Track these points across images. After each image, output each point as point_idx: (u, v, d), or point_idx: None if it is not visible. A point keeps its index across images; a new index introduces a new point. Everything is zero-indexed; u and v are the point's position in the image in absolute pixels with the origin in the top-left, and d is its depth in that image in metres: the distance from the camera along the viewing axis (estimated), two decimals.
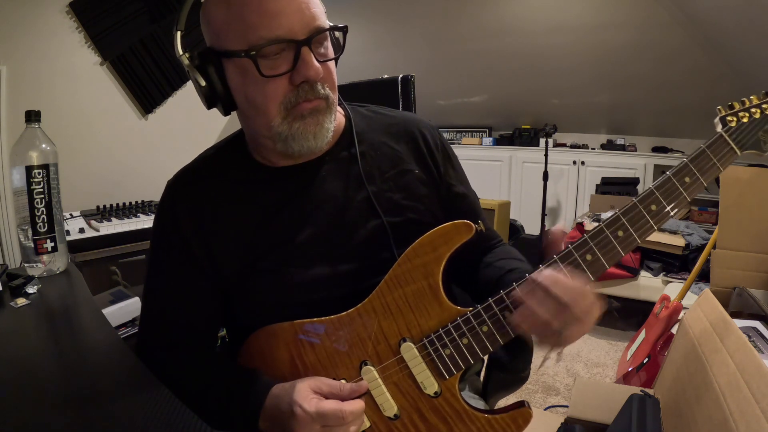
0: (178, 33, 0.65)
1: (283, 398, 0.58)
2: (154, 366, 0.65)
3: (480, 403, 0.79)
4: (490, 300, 0.59)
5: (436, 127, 0.78)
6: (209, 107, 0.66)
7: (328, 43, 0.64)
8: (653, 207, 0.57)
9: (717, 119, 0.60)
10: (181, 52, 0.64)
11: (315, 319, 0.63)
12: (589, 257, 0.57)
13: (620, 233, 0.57)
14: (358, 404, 0.57)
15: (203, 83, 0.62)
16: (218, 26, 0.60)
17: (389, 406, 0.61)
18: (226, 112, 0.66)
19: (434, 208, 0.72)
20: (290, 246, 0.66)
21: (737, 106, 0.59)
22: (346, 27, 0.64)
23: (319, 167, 0.69)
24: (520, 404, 0.61)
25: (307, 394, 0.57)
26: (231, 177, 0.70)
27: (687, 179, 0.57)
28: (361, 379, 0.62)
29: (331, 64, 0.64)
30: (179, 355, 0.69)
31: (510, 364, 0.79)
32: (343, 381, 0.61)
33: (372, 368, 0.61)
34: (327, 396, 0.58)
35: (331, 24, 0.63)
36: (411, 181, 0.71)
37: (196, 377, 0.66)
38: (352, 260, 0.66)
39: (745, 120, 0.58)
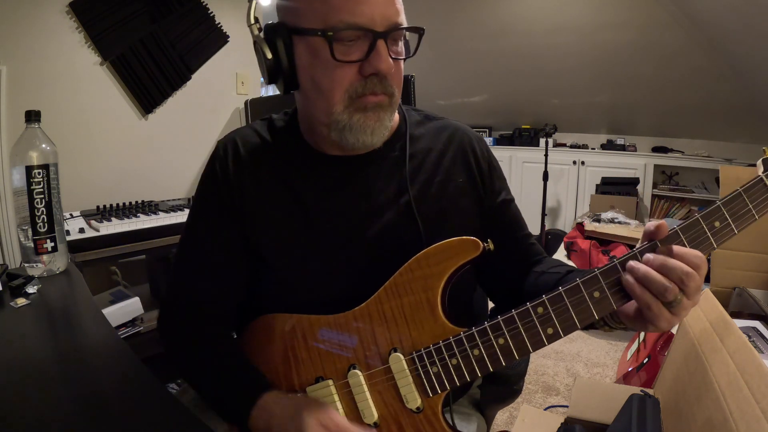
0: (254, 1, 0.65)
1: (284, 416, 0.58)
2: (173, 339, 0.70)
3: (473, 419, 0.77)
4: (486, 324, 0.57)
5: (482, 138, 0.77)
6: (270, 82, 0.65)
7: (402, 42, 0.63)
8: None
9: (759, 161, 0.54)
10: (252, 21, 0.64)
11: (313, 315, 0.63)
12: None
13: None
14: None
15: (270, 56, 0.61)
16: (297, 1, 0.59)
17: (370, 413, 0.60)
18: (286, 91, 0.65)
19: (474, 220, 0.71)
20: (320, 235, 0.66)
21: None
22: (423, 30, 0.62)
23: (367, 163, 0.68)
24: None
25: (313, 425, 0.56)
26: (281, 153, 0.69)
27: (717, 224, 0.52)
28: (349, 389, 0.61)
29: (401, 63, 0.63)
30: (198, 324, 0.69)
31: (503, 377, 0.78)
32: (335, 396, 0.61)
33: (359, 373, 0.61)
34: None
35: (409, 25, 0.62)
36: (454, 190, 0.70)
37: (206, 362, 0.67)
38: (380, 262, 0.64)
39: None
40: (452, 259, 0.60)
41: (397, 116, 0.72)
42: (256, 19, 0.64)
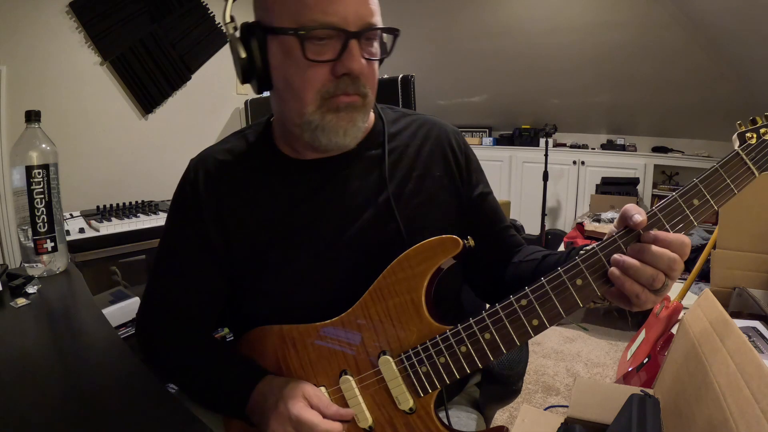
0: (229, 0, 0.64)
1: (274, 390, 0.60)
2: (151, 341, 0.71)
3: (472, 418, 0.77)
4: (471, 320, 0.57)
5: (459, 131, 0.77)
6: (244, 82, 0.65)
7: (377, 43, 0.62)
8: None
9: (735, 135, 0.53)
10: (228, 20, 0.64)
11: (302, 325, 0.64)
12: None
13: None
14: (336, 427, 0.57)
15: (243, 55, 0.61)
16: (275, 3, 0.59)
17: (364, 417, 0.60)
18: (259, 90, 0.65)
19: (452, 214, 0.71)
20: (302, 240, 0.66)
21: (760, 121, 0.53)
22: (398, 31, 0.62)
23: (344, 164, 0.68)
24: (500, 429, 0.59)
25: (297, 396, 0.58)
26: (254, 165, 0.70)
27: (695, 201, 0.51)
28: (342, 394, 0.61)
29: (375, 64, 0.63)
30: (177, 332, 0.70)
31: (501, 377, 0.78)
32: (328, 396, 0.61)
33: (350, 378, 0.61)
34: (312, 406, 0.58)
35: (385, 25, 0.61)
36: (432, 184, 0.70)
37: (191, 357, 0.68)
38: (364, 261, 0.65)
39: (767, 137, 0.52)
40: (433, 259, 0.60)
41: (372, 115, 0.72)
42: (232, 18, 0.64)
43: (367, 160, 0.69)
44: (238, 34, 0.62)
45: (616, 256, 0.51)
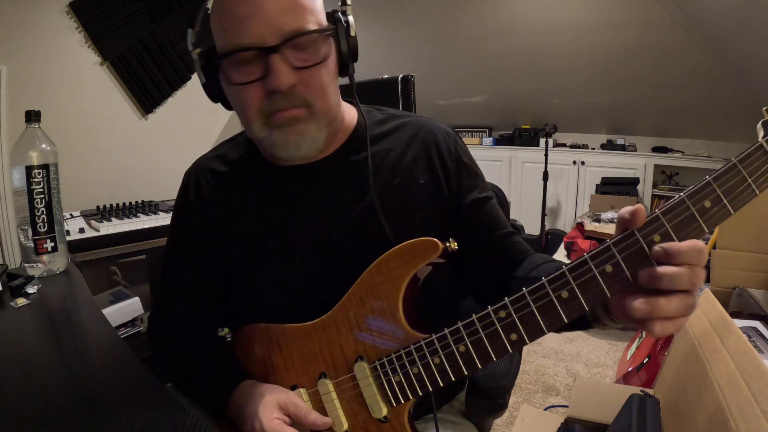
0: (189, 30, 0.65)
1: (250, 402, 0.60)
2: (156, 337, 0.76)
3: (460, 428, 0.75)
4: (446, 330, 0.53)
5: (453, 132, 0.72)
6: (214, 102, 0.67)
7: (315, 47, 0.58)
8: (656, 239, 0.43)
9: (759, 124, 0.43)
10: (191, 48, 0.65)
11: (287, 324, 0.64)
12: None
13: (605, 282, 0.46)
14: None
15: (203, 80, 0.63)
16: (212, 28, 0.61)
17: (339, 423, 0.59)
18: (228, 109, 0.67)
19: (438, 222, 0.68)
20: (280, 245, 0.67)
21: None
22: (328, 30, 0.58)
23: (324, 169, 0.67)
24: None
25: (272, 411, 0.57)
26: (240, 172, 0.72)
27: (707, 204, 0.42)
28: (318, 394, 0.61)
29: (316, 69, 0.59)
30: (177, 328, 0.74)
31: (485, 389, 0.75)
32: (308, 405, 0.61)
33: (328, 382, 0.60)
34: (291, 417, 0.58)
35: (319, 26, 0.58)
36: (416, 192, 0.67)
37: (186, 353, 0.71)
38: (345, 268, 0.63)
39: None
40: (411, 262, 0.57)
41: (355, 118, 0.71)
42: (195, 45, 0.65)
43: (348, 165, 0.68)
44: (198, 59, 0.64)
45: (637, 303, 0.42)
